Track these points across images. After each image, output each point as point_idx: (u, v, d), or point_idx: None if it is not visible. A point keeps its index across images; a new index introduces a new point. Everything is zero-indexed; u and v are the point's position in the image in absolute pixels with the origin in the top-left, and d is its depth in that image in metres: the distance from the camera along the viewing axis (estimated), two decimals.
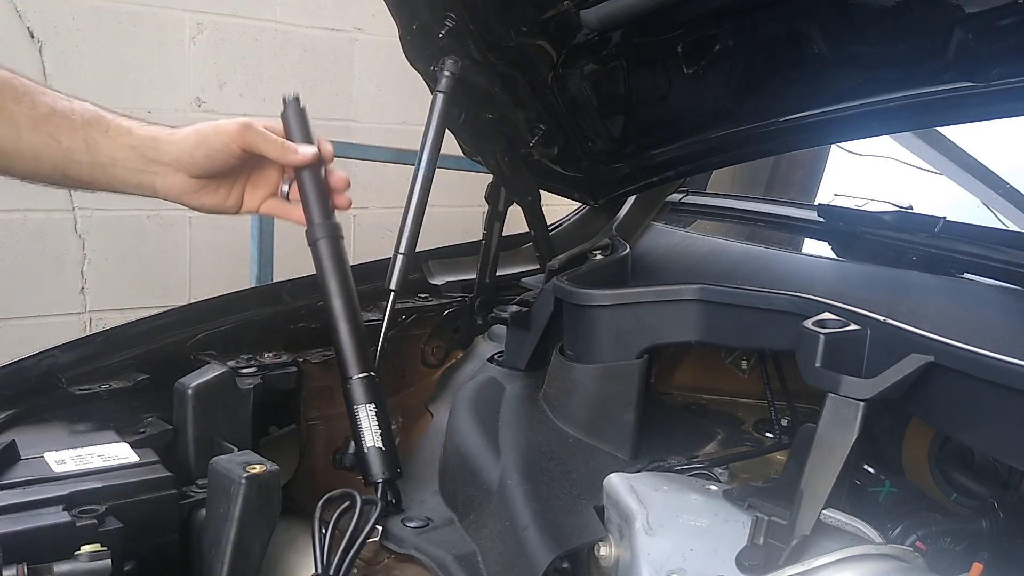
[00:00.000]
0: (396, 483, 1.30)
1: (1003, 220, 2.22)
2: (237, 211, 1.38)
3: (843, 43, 1.39)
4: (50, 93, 1.27)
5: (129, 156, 1.28)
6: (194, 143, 1.27)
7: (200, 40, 3.66)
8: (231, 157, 1.28)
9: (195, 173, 1.29)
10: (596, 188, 1.88)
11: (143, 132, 1.29)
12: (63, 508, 1.13)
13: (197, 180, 1.30)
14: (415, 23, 1.40)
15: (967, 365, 0.96)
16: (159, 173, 1.29)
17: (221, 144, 1.27)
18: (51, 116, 1.26)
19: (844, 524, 0.96)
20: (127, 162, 1.28)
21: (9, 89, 1.24)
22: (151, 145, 1.28)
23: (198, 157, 1.27)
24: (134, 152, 1.28)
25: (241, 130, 1.27)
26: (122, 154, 1.28)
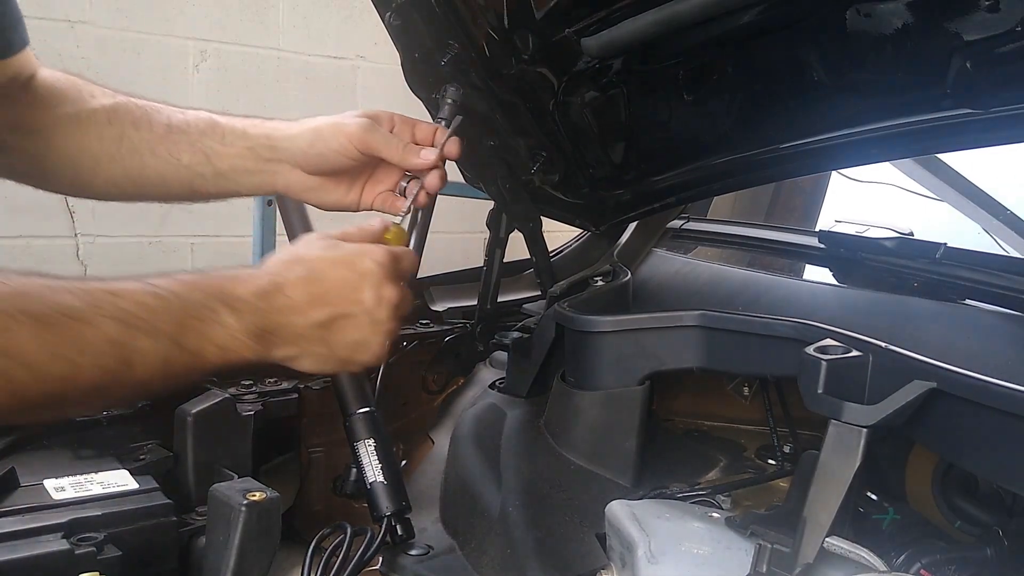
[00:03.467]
0: (405, 515, 1.29)
1: (1003, 246, 2.23)
2: (357, 208, 1.30)
3: (843, 71, 1.40)
4: (164, 109, 1.27)
5: (247, 158, 1.25)
6: (309, 142, 1.23)
7: (203, 68, 3.69)
8: (347, 158, 1.22)
9: (311, 171, 1.25)
10: (597, 214, 1.88)
11: (257, 131, 1.26)
12: (62, 536, 1.13)
13: (315, 177, 1.26)
14: (417, 51, 1.41)
15: (969, 391, 0.96)
16: (278, 172, 1.26)
17: (337, 144, 1.21)
18: (168, 135, 1.24)
19: (848, 552, 0.95)
20: (246, 165, 1.25)
21: (126, 114, 1.24)
22: (266, 144, 1.25)
23: (312, 156, 1.23)
24: (251, 153, 1.25)
25: (361, 132, 1.20)
26: (240, 159, 1.25)
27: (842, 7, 1.30)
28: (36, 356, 0.85)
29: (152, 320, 0.93)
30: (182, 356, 0.95)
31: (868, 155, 1.59)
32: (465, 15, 1.40)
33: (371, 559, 1.22)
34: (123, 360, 0.91)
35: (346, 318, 1.05)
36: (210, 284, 1.00)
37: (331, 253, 1.08)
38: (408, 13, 1.37)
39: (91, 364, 0.89)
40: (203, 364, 0.98)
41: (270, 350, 1.03)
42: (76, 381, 0.88)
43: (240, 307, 1.00)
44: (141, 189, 1.28)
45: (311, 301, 1.04)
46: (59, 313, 0.87)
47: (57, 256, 3.40)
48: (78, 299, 0.90)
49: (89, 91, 1.26)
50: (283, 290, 1.03)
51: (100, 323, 0.89)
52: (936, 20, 1.25)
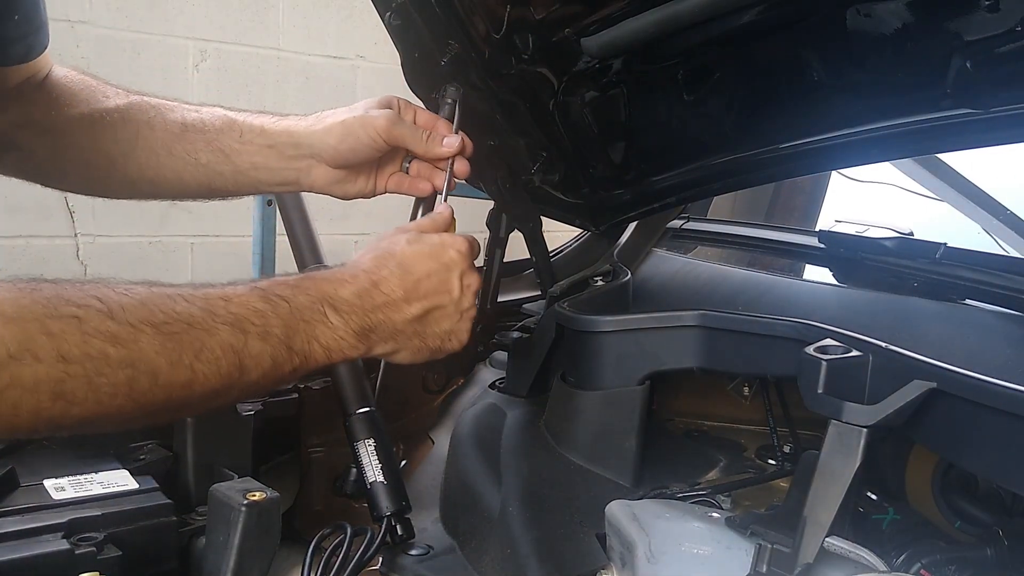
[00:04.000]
0: (405, 515, 1.30)
1: (1003, 246, 2.23)
2: (373, 194, 1.34)
3: (843, 71, 1.40)
4: (178, 107, 1.27)
5: (269, 156, 1.26)
6: (339, 137, 1.24)
7: (203, 67, 3.69)
8: (376, 150, 1.25)
9: (338, 165, 1.27)
10: (597, 214, 1.88)
11: (277, 128, 1.26)
12: (62, 536, 1.13)
13: (340, 171, 1.28)
14: (417, 51, 1.41)
15: (970, 391, 0.96)
16: (302, 168, 1.27)
17: (367, 138, 1.23)
18: (184, 133, 1.24)
19: (848, 552, 0.95)
20: (268, 163, 1.26)
21: (141, 113, 1.24)
22: (288, 141, 1.25)
23: (343, 151, 1.24)
24: (273, 151, 1.25)
25: (389, 126, 1.23)
26: (261, 156, 1.26)
27: (842, 7, 1.30)
28: (159, 365, 0.88)
29: (263, 324, 0.96)
30: (291, 358, 0.98)
31: (868, 155, 1.59)
32: (465, 15, 1.40)
33: (371, 559, 1.22)
34: (238, 364, 0.94)
35: (438, 309, 1.11)
36: (314, 286, 1.03)
37: (417, 247, 1.12)
38: (408, 13, 1.37)
39: (209, 370, 0.91)
40: (309, 364, 1.01)
41: (372, 347, 1.07)
42: (194, 387, 0.91)
43: (344, 308, 1.03)
44: (157, 188, 1.28)
45: (406, 296, 1.08)
46: (180, 321, 0.90)
47: (57, 256, 3.40)
48: (195, 306, 0.92)
49: (103, 91, 1.26)
50: (379, 287, 1.07)
51: (217, 329, 0.92)
52: (936, 20, 1.25)
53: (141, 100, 1.26)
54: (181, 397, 0.91)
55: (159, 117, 1.25)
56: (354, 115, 1.25)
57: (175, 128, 1.25)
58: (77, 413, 0.84)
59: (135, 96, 1.27)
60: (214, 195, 1.32)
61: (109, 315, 0.86)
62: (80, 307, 0.84)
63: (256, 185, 1.30)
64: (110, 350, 0.85)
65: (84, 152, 1.24)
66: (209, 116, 1.27)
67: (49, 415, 0.82)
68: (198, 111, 1.27)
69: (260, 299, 0.97)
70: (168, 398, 0.90)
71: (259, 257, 3.25)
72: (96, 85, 1.27)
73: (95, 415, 0.86)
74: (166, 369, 0.88)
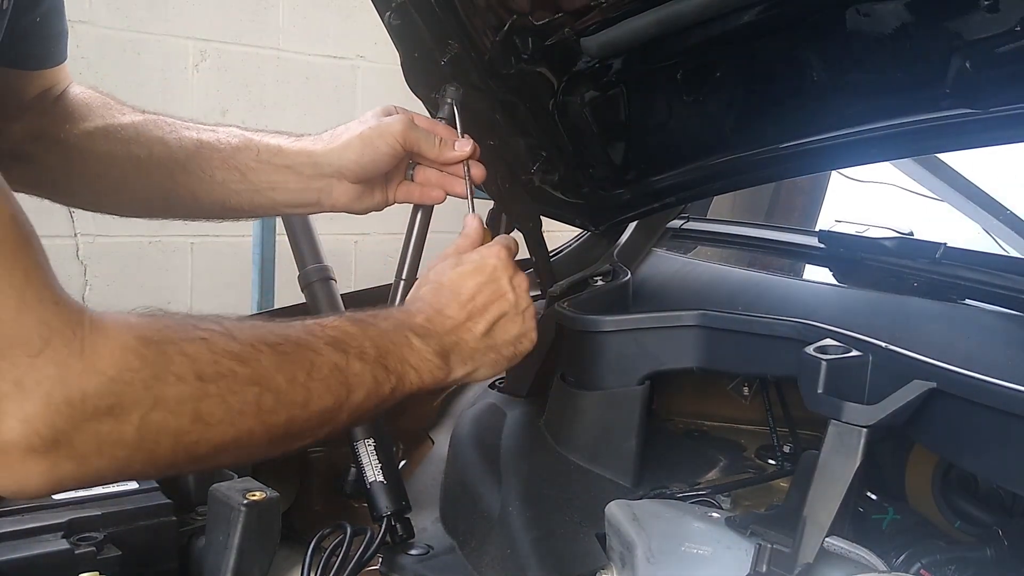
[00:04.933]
0: (404, 515, 1.30)
1: (1003, 246, 2.23)
2: (386, 205, 1.34)
3: (842, 71, 1.40)
4: (193, 126, 1.27)
5: (288, 178, 1.26)
6: (359, 151, 1.24)
7: (203, 67, 3.69)
8: (395, 158, 1.26)
9: (359, 179, 1.27)
10: (597, 214, 1.88)
11: (294, 148, 1.26)
12: (62, 535, 1.13)
13: (359, 186, 1.28)
14: (417, 51, 1.41)
15: (969, 391, 0.96)
16: (323, 189, 1.27)
17: (387, 147, 1.24)
18: (199, 150, 1.24)
19: (848, 552, 0.95)
20: (287, 184, 1.26)
21: (156, 129, 1.24)
22: (307, 162, 1.25)
23: (365, 164, 1.25)
24: (291, 172, 1.25)
25: (405, 131, 1.24)
26: (279, 177, 1.25)
27: (842, 7, 1.30)
28: (279, 382, 0.89)
29: (359, 344, 0.99)
30: (388, 378, 1.01)
31: (868, 155, 1.59)
32: (465, 15, 1.40)
33: (371, 559, 1.22)
34: (344, 383, 0.96)
35: (502, 318, 1.14)
36: (391, 315, 1.07)
37: (461, 268, 1.16)
38: (408, 13, 1.37)
39: (321, 388, 0.93)
40: (404, 386, 1.03)
41: (452, 369, 1.10)
42: (310, 406, 0.93)
43: (422, 332, 1.06)
44: (170, 205, 1.28)
45: (469, 315, 1.12)
46: (289, 342, 0.93)
47: (57, 256, 3.38)
48: (297, 330, 0.95)
49: (119, 108, 1.26)
50: (444, 312, 1.10)
51: (322, 349, 0.95)
52: (936, 20, 1.25)
53: (156, 118, 1.26)
54: (300, 418, 0.92)
55: (174, 134, 1.24)
56: (369, 126, 1.25)
57: (190, 145, 1.24)
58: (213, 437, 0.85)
59: (150, 114, 1.26)
60: (228, 215, 1.30)
61: (231, 337, 0.87)
62: (204, 330, 0.86)
63: (273, 205, 1.29)
64: (238, 368, 0.86)
65: (96, 168, 1.23)
66: (225, 135, 1.26)
67: (188, 440, 0.82)
68: (214, 130, 1.27)
69: (350, 323, 1.01)
70: (289, 418, 0.91)
71: (259, 257, 3.26)
72: (112, 103, 1.27)
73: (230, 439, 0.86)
74: (285, 387, 0.90)
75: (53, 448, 0.73)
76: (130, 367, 0.77)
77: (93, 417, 0.75)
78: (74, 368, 0.74)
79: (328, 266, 1.45)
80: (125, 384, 0.77)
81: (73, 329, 0.75)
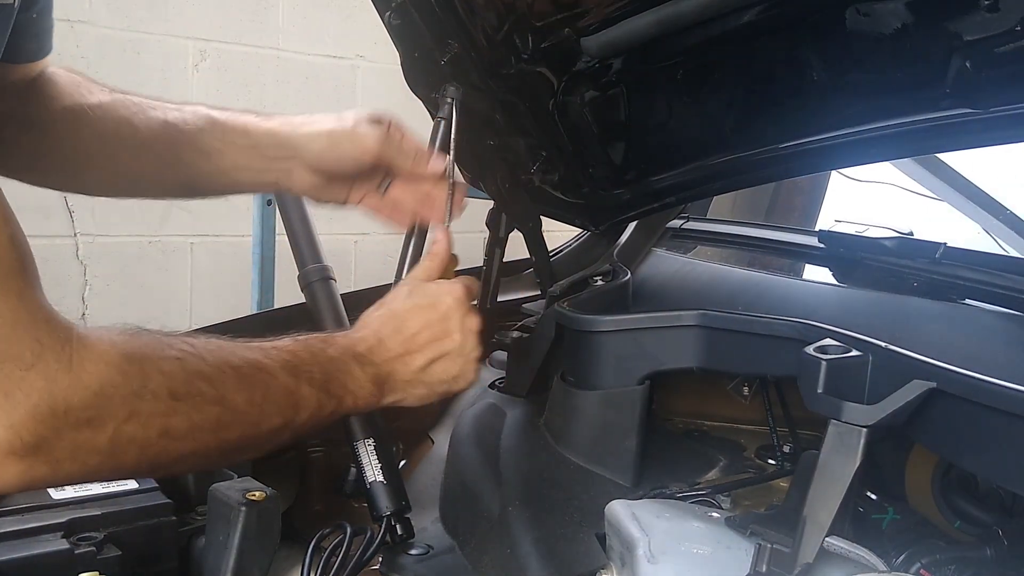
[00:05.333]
0: (404, 515, 1.30)
1: (1003, 246, 2.23)
2: (345, 204, 1.36)
3: (842, 70, 1.40)
4: (159, 106, 1.27)
5: (252, 157, 1.26)
6: (324, 146, 1.25)
7: (203, 67, 3.69)
8: (360, 166, 1.27)
9: (322, 171, 1.28)
10: (597, 214, 1.88)
11: (260, 129, 1.27)
12: (62, 535, 1.13)
13: (321, 176, 1.29)
14: (417, 51, 1.41)
15: (969, 391, 0.96)
16: (283, 170, 1.28)
17: (354, 154, 1.25)
18: (165, 131, 1.24)
19: (848, 552, 0.95)
20: (249, 163, 1.27)
21: (123, 109, 1.24)
22: (271, 142, 1.26)
23: (327, 159, 1.26)
24: (256, 152, 1.26)
25: (377, 146, 1.25)
26: (244, 157, 1.26)
27: (842, 7, 1.30)
28: (239, 403, 0.97)
29: (309, 370, 1.06)
30: (330, 401, 1.08)
31: (868, 155, 1.59)
32: (465, 15, 1.40)
33: (371, 559, 1.22)
34: (293, 406, 1.04)
35: (442, 358, 1.19)
36: (338, 343, 1.13)
37: (413, 300, 1.21)
38: (408, 13, 1.37)
39: (273, 409, 1.01)
40: (342, 409, 1.11)
41: (384, 396, 1.17)
42: (261, 425, 1.01)
43: (362, 361, 1.13)
44: (136, 185, 1.29)
45: (408, 350, 1.17)
46: (249, 365, 1.00)
47: (57, 256, 3.40)
48: (256, 353, 1.02)
49: (87, 87, 1.26)
50: (384, 344, 1.16)
51: (277, 372, 1.02)
52: (936, 20, 1.25)
53: (124, 97, 1.26)
54: (251, 435, 1.00)
55: (141, 114, 1.25)
56: (342, 126, 1.26)
57: (156, 126, 1.25)
58: (174, 449, 0.92)
59: (118, 93, 1.26)
60: (195, 194, 1.33)
61: (201, 357, 0.94)
62: (178, 350, 0.93)
63: (237, 185, 1.31)
64: (206, 389, 0.93)
65: (65, 147, 1.23)
66: (191, 115, 1.27)
67: (153, 452, 0.89)
68: (180, 109, 1.27)
69: (303, 349, 1.07)
70: (242, 435, 0.99)
71: (259, 257, 3.25)
72: (81, 81, 1.27)
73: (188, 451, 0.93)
74: (244, 407, 0.97)
75: (32, 453, 0.79)
76: (113, 382, 0.84)
77: (74, 427, 0.81)
78: (61, 382, 0.80)
79: (328, 266, 1.44)
80: (106, 398, 0.83)
81: (63, 345, 0.81)
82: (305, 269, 1.44)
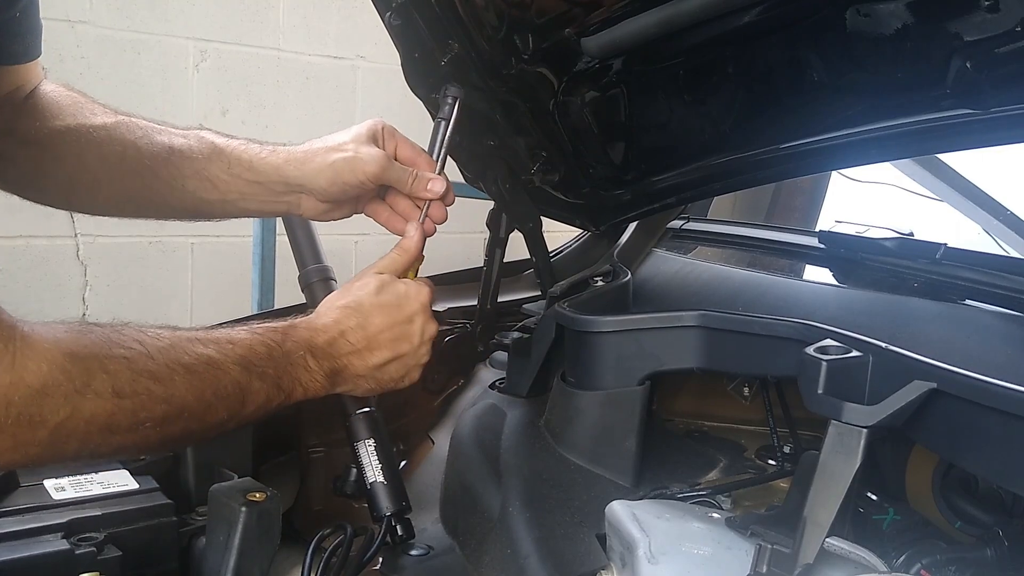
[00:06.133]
0: (405, 515, 1.30)
1: (1004, 246, 2.23)
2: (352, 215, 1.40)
3: (843, 71, 1.40)
4: (165, 131, 1.29)
5: (257, 191, 1.29)
6: (329, 180, 1.27)
7: (203, 67, 3.69)
8: (364, 190, 1.31)
9: (327, 200, 1.31)
10: (597, 214, 1.88)
11: (265, 166, 1.28)
12: (62, 536, 1.13)
13: (326, 203, 1.32)
14: (417, 51, 1.41)
15: (970, 392, 0.96)
16: (292, 203, 1.32)
17: (357, 181, 1.27)
18: (171, 157, 1.26)
19: (848, 552, 0.95)
20: (256, 196, 1.30)
21: (128, 133, 1.26)
22: (277, 179, 1.28)
23: (333, 192, 1.29)
24: (261, 187, 1.29)
25: (379, 171, 1.27)
26: (250, 190, 1.29)
27: (842, 7, 1.30)
28: (187, 400, 1.00)
29: (263, 366, 1.10)
30: (278, 395, 1.13)
31: (868, 155, 1.58)
32: (465, 15, 1.40)
33: (371, 559, 1.22)
34: (241, 400, 1.07)
35: (398, 359, 1.24)
36: (298, 335, 1.16)
37: (382, 297, 1.24)
38: (408, 13, 1.37)
39: (221, 404, 1.05)
40: (290, 400, 1.15)
41: (335, 386, 1.21)
42: (207, 419, 1.04)
43: (319, 354, 1.17)
44: (141, 209, 1.31)
45: (368, 347, 1.21)
46: (202, 362, 1.03)
47: (57, 256, 3.40)
48: (211, 348, 1.05)
49: (90, 108, 1.27)
50: (345, 337, 1.20)
51: (229, 368, 1.06)
52: (936, 20, 1.25)
53: (129, 120, 1.27)
54: (196, 428, 1.03)
55: (146, 139, 1.26)
56: (343, 156, 1.27)
57: (161, 151, 1.26)
58: (116, 442, 0.95)
59: (122, 116, 1.27)
60: (199, 218, 1.34)
61: (150, 356, 0.97)
62: (127, 348, 0.95)
63: (245, 212, 1.34)
64: (153, 387, 0.96)
65: (67, 167, 1.24)
66: (196, 142, 1.28)
67: (94, 444, 0.93)
68: (185, 136, 1.29)
69: (260, 344, 1.11)
70: (185, 429, 1.02)
71: (259, 257, 3.26)
72: (84, 102, 1.28)
73: (130, 443, 0.98)
74: (192, 404, 1.01)
75: None
76: (55, 381, 0.87)
77: (15, 423, 0.84)
78: (3, 380, 0.83)
79: (328, 266, 1.45)
80: (48, 397, 0.86)
81: (5, 344, 0.83)
82: (305, 270, 1.44)
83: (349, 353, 1.20)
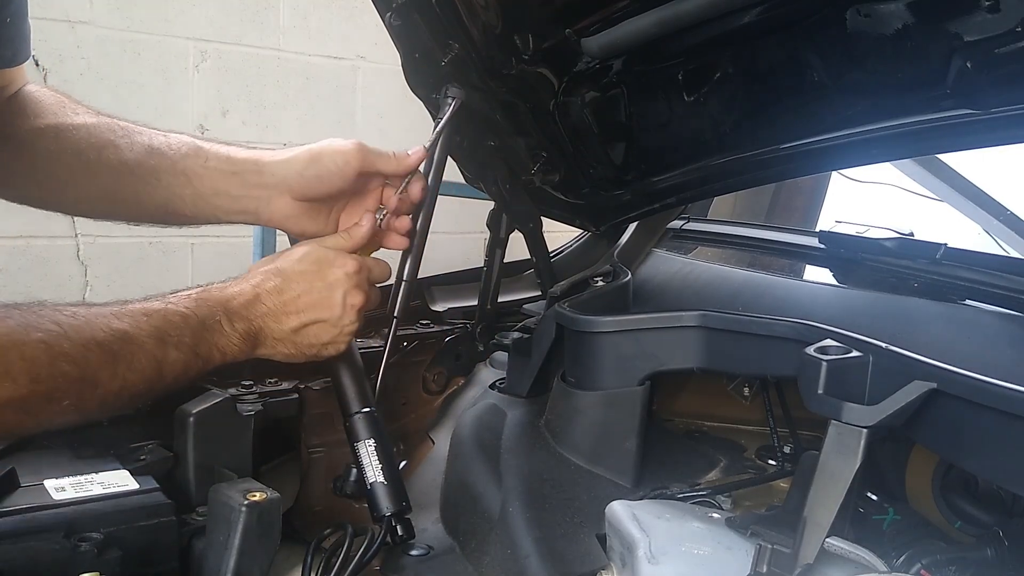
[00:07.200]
0: (405, 515, 1.30)
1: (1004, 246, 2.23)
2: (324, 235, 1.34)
3: (843, 71, 1.40)
4: (146, 131, 1.28)
5: (231, 183, 1.26)
6: (305, 162, 1.25)
7: (203, 68, 3.69)
8: (344, 179, 1.26)
9: (302, 195, 1.27)
10: (597, 215, 1.88)
11: (243, 156, 1.27)
12: (63, 536, 1.13)
13: (302, 204, 1.28)
14: (417, 51, 1.41)
15: (969, 392, 0.96)
16: (262, 198, 1.27)
17: (335, 165, 1.25)
18: (149, 155, 1.25)
19: (848, 552, 0.95)
20: (229, 189, 1.27)
21: (108, 132, 1.25)
22: (253, 169, 1.26)
23: (309, 177, 1.25)
24: (236, 178, 1.26)
25: (358, 152, 1.25)
26: (223, 182, 1.26)
27: (842, 7, 1.30)
28: (102, 377, 1.02)
29: (178, 335, 1.10)
30: (196, 362, 1.13)
31: (868, 155, 1.58)
32: (465, 15, 1.40)
33: (371, 559, 1.22)
34: (158, 371, 1.08)
35: (316, 324, 1.23)
36: (214, 299, 1.17)
37: (303, 265, 1.23)
38: (408, 13, 1.37)
39: (137, 377, 1.06)
40: (209, 366, 1.15)
41: (254, 349, 1.21)
42: (123, 393, 1.05)
43: (235, 317, 1.17)
44: (114, 207, 1.29)
45: (285, 310, 1.21)
46: (116, 339, 1.03)
47: (57, 256, 3.40)
48: (125, 323, 1.06)
49: (72, 108, 1.27)
50: (261, 299, 1.20)
51: (144, 342, 1.06)
52: (936, 20, 1.25)
53: (110, 120, 1.27)
54: (112, 402, 1.05)
55: (126, 138, 1.25)
56: (320, 145, 1.27)
57: (140, 150, 1.25)
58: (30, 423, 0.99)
59: (104, 116, 1.27)
60: (171, 220, 1.31)
61: (66, 337, 0.98)
62: (44, 332, 0.97)
63: (215, 212, 1.30)
64: (69, 369, 0.98)
65: (44, 166, 1.24)
66: (176, 141, 1.27)
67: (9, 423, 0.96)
68: (166, 136, 1.28)
69: (175, 314, 1.12)
70: (102, 403, 1.04)
71: (259, 257, 3.25)
72: (66, 102, 1.28)
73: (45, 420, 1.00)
74: (106, 380, 1.02)
75: None
76: None
77: None
78: None
79: None
80: None
81: None
82: None
83: (264, 315, 1.19)
